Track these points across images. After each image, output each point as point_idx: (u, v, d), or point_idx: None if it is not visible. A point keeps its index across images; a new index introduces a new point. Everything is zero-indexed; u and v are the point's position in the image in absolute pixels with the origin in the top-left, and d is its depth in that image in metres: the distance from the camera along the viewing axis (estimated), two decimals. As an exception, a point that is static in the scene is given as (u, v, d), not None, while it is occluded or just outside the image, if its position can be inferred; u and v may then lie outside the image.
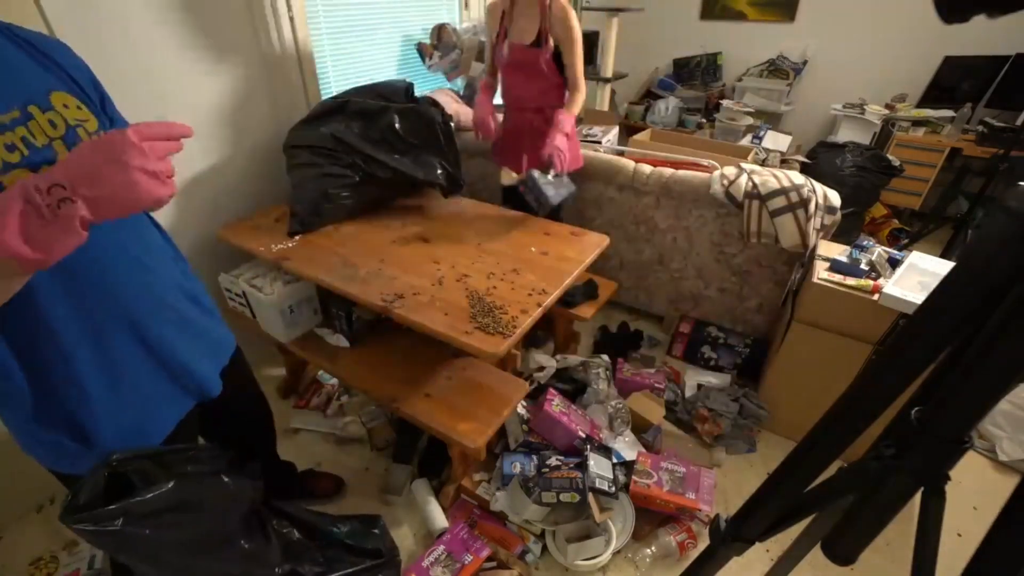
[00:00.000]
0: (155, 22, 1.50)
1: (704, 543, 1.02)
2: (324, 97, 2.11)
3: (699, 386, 2.07)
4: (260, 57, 1.81)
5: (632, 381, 2.00)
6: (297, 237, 1.67)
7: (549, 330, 2.18)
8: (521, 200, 1.79)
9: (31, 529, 1.58)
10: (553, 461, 1.58)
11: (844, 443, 0.62)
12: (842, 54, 3.63)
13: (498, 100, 2.06)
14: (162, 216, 0.98)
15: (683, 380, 2.11)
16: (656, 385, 1.98)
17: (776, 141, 3.32)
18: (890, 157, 2.87)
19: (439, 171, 1.77)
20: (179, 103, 1.63)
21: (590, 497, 1.48)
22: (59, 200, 0.52)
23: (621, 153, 2.38)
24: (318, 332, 1.74)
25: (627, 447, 1.73)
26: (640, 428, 1.83)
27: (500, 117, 2.01)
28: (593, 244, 1.68)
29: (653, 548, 1.50)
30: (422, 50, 2.53)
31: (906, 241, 3.02)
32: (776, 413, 1.90)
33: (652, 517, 1.57)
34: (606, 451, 1.65)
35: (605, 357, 2.08)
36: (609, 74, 3.24)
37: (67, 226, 0.52)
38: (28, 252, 0.51)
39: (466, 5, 2.78)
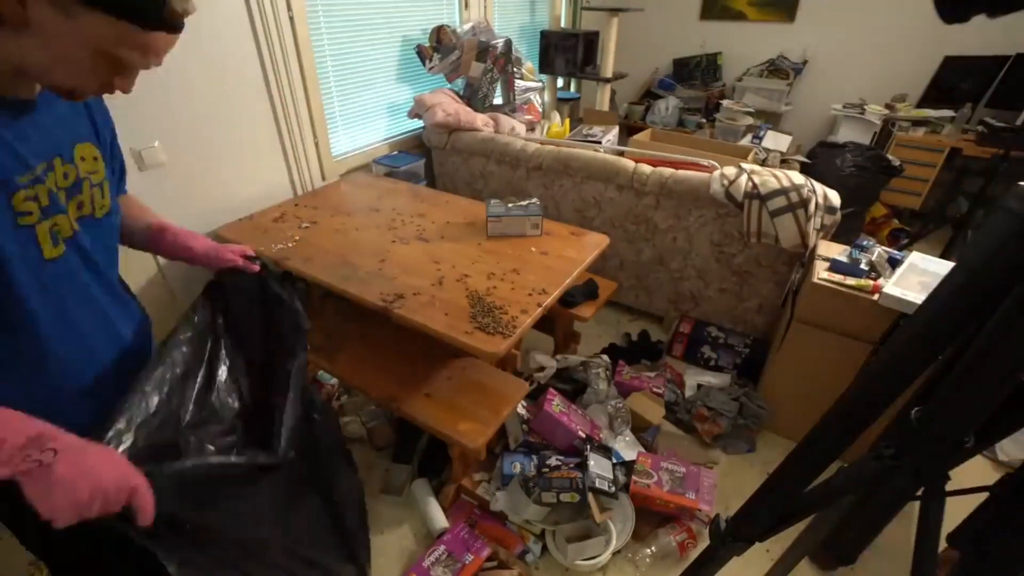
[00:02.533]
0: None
1: (704, 543, 1.02)
2: (323, 94, 2.11)
3: (699, 386, 2.06)
4: (260, 55, 1.81)
5: (631, 384, 2.00)
6: (296, 237, 1.67)
7: (549, 330, 2.18)
8: None
9: (31, 529, 1.58)
10: (553, 461, 1.58)
11: (844, 443, 0.62)
12: (842, 54, 3.63)
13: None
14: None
15: (683, 380, 2.11)
16: (655, 390, 1.97)
17: (776, 141, 3.32)
18: (890, 157, 2.87)
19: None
20: (178, 101, 1.64)
21: (590, 497, 1.48)
22: (38, 461, 0.57)
23: (621, 153, 2.38)
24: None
25: (627, 447, 1.73)
26: (640, 428, 1.83)
27: None
28: (593, 244, 1.68)
29: (653, 548, 1.50)
30: (422, 53, 2.53)
31: (906, 241, 3.02)
32: (776, 413, 1.90)
33: (652, 517, 1.57)
34: (606, 451, 1.65)
35: (605, 357, 2.08)
36: (609, 74, 3.24)
37: (31, 474, 0.57)
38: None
39: (466, 5, 2.78)
